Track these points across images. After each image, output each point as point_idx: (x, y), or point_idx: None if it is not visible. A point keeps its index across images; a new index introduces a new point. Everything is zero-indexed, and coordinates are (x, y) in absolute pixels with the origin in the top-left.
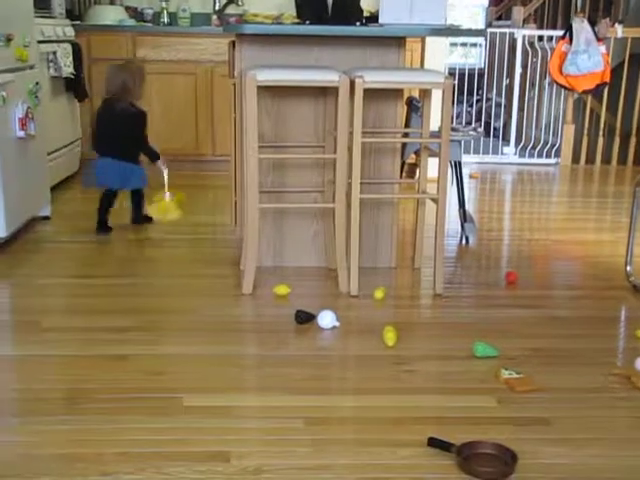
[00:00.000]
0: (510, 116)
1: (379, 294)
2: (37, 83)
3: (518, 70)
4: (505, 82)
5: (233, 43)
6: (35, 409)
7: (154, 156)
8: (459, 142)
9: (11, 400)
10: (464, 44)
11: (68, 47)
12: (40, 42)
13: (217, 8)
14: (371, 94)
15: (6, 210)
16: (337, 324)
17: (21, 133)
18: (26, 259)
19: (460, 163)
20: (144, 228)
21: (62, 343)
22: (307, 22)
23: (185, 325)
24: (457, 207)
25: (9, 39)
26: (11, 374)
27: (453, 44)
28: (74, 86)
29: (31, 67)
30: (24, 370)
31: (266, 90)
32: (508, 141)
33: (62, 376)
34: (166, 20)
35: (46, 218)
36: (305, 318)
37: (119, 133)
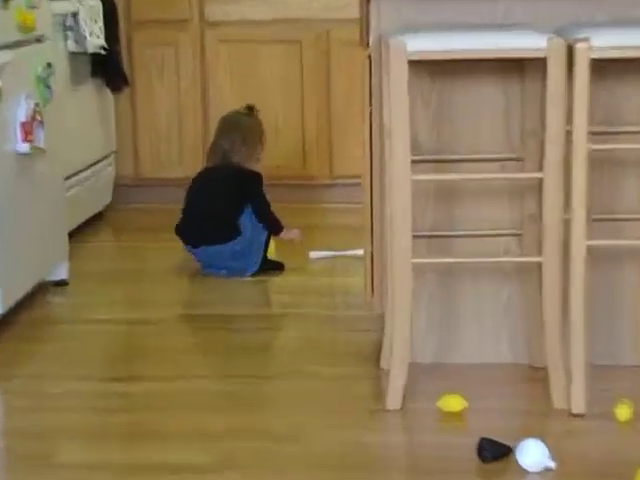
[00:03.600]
0: None
1: (623, 412)
2: (49, 65)
3: None
4: None
5: None
6: None
7: (277, 227)
8: None
9: None
10: None
11: (97, 5)
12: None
13: None
14: (603, 69)
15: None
16: (551, 464)
17: (24, 146)
18: (30, 350)
19: None
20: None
21: None
22: None
23: (289, 461)
24: None
25: None
26: None
27: None
28: (106, 68)
29: (39, 39)
30: None
31: (423, 68)
32: None
33: None
34: None
35: (61, 283)
36: (495, 453)
37: (222, 206)
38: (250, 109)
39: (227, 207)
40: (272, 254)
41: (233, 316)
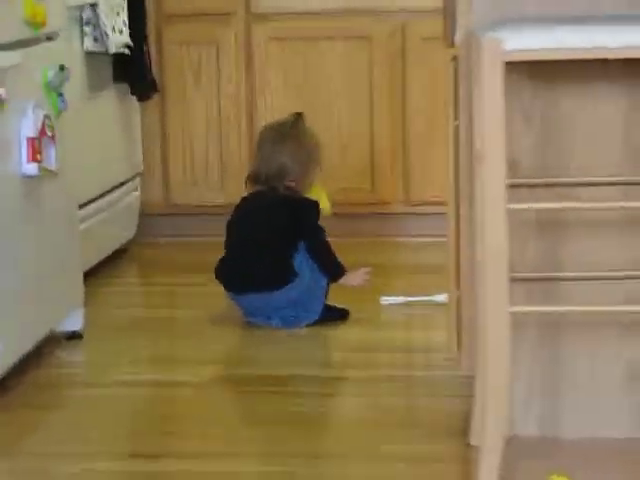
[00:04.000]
0: None
1: None
2: (62, 68)
3: None
4: None
5: None
6: None
7: (336, 270)
8: None
9: None
10: None
11: None
12: None
13: None
14: None
15: None
16: None
17: (30, 167)
18: (37, 420)
19: None
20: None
21: None
22: None
23: None
24: None
25: None
26: None
27: None
28: (131, 71)
29: (51, 37)
30: None
31: (523, 71)
32: None
33: None
34: None
35: (75, 336)
36: None
37: (273, 243)
38: (298, 117)
39: (279, 244)
40: (325, 208)
41: (284, 378)
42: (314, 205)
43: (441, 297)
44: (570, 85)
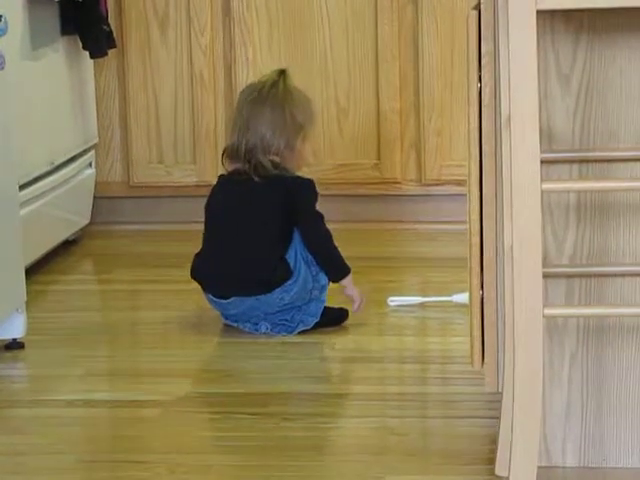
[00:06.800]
0: None
1: None
2: None
3: None
4: None
5: None
6: None
7: (341, 269)
8: None
9: None
10: None
11: None
12: None
13: None
14: None
15: None
16: None
17: None
18: None
19: None
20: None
21: None
22: None
23: None
24: None
25: None
26: None
27: None
28: (82, 21)
29: None
30: None
31: (560, 23)
32: None
33: None
34: None
35: (15, 346)
36: None
37: (264, 236)
38: (280, 75)
39: (269, 237)
40: None
41: (270, 396)
42: (309, 184)
43: (461, 297)
44: (618, 37)
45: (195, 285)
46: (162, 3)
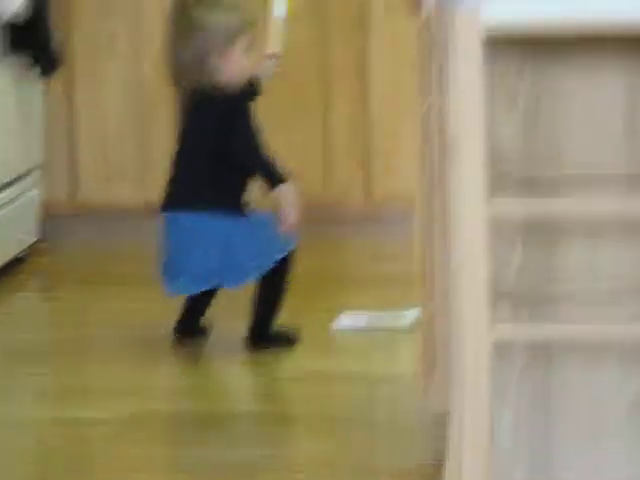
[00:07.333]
0: None
1: None
2: None
3: None
4: None
5: None
6: None
7: (276, 177)
8: None
9: None
10: None
11: None
12: None
13: None
14: None
15: None
16: None
17: None
18: None
19: None
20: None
21: None
22: None
23: None
24: None
25: None
26: None
27: None
28: (31, 39)
29: None
30: None
31: (507, 47)
32: None
33: None
34: None
35: None
36: None
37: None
38: None
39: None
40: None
41: (218, 416)
42: (244, 93)
43: (409, 316)
44: (563, 60)
45: (143, 304)
46: (110, 22)
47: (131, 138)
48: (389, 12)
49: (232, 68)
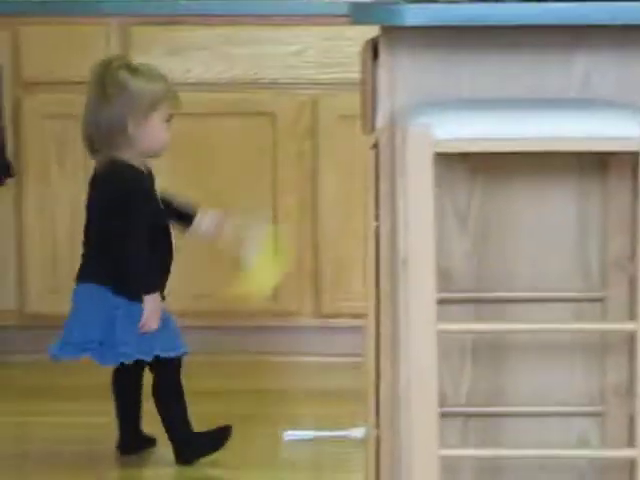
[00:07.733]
0: None
1: None
2: None
3: None
4: None
5: (374, 47)
6: None
7: (142, 288)
8: None
9: None
10: None
11: None
12: None
13: None
14: None
15: None
16: None
17: None
18: None
19: None
20: None
21: None
22: None
23: None
24: None
25: None
26: None
27: None
28: None
29: None
30: None
31: (457, 164)
32: None
33: None
34: None
35: None
36: None
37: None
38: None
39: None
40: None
41: None
42: (133, 190)
43: (358, 432)
44: (513, 178)
45: (87, 418)
46: (60, 134)
47: (78, 251)
48: (340, 121)
49: (150, 137)
